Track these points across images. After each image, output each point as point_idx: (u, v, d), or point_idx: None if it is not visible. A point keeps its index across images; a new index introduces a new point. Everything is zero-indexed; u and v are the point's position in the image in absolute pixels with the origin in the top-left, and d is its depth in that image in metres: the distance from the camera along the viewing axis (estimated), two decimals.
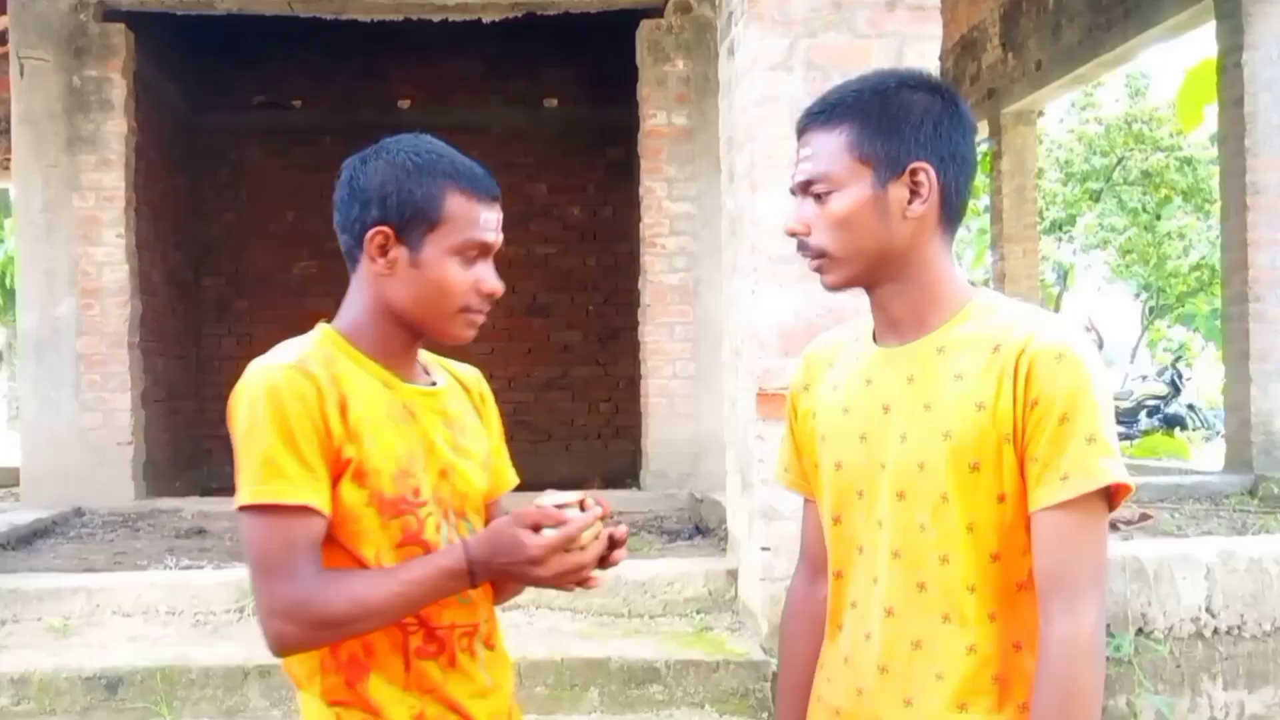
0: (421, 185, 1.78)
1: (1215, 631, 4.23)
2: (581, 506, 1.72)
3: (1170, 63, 24.69)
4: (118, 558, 5.77)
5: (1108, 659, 4.09)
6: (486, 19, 8.03)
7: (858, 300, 1.79)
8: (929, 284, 1.70)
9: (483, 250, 1.81)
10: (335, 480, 1.71)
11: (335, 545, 1.73)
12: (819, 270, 1.73)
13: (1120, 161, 22.06)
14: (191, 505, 7.52)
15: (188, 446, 9.91)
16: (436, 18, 8.00)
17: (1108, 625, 4.14)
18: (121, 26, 7.73)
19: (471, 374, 2.02)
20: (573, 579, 1.71)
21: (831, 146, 1.68)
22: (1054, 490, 1.58)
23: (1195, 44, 9.93)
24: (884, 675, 1.69)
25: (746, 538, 4.55)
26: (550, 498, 1.73)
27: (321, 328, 1.86)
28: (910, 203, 1.67)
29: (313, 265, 11.00)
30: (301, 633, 1.68)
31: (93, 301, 7.63)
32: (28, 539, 6.28)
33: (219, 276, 10.84)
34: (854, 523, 1.74)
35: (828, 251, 1.70)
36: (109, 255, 7.64)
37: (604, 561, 1.74)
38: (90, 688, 4.12)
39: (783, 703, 1.94)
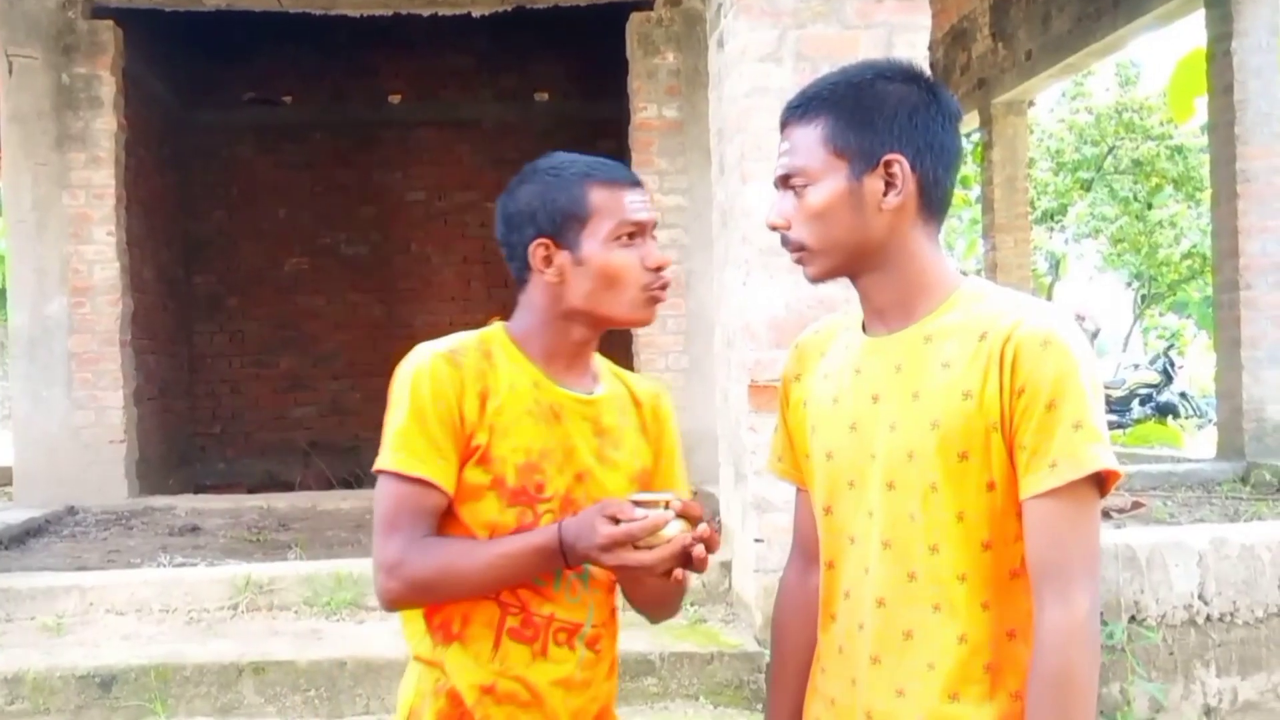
0: (564, 191, 1.90)
1: (1208, 618, 4.24)
2: (667, 506, 1.76)
3: (1160, 51, 24.76)
4: (111, 556, 5.77)
5: (1102, 646, 4.10)
6: (476, 13, 8.02)
7: (848, 291, 1.79)
8: (913, 274, 1.70)
9: (638, 229, 1.90)
10: (464, 462, 1.84)
11: (459, 522, 1.85)
12: (800, 263, 1.74)
13: (1111, 150, 22.11)
14: (185, 503, 7.52)
15: (180, 444, 9.91)
16: (426, 12, 7.99)
17: (1100, 613, 4.16)
18: (110, 23, 7.71)
19: (650, 390, 2.08)
20: (643, 574, 1.78)
21: (808, 140, 1.70)
22: (1043, 478, 1.58)
23: (1185, 32, 9.94)
24: (876, 665, 1.69)
25: (740, 529, 4.56)
26: (639, 495, 1.80)
27: (495, 324, 1.97)
28: (885, 194, 1.67)
29: (304, 262, 11.01)
30: (399, 589, 1.81)
31: (84, 299, 7.61)
32: (21, 538, 6.27)
33: (210, 274, 10.83)
34: (845, 513, 1.74)
35: (806, 244, 1.71)
36: (99, 253, 7.63)
37: (691, 563, 1.77)
38: (84, 686, 4.12)
39: (774, 693, 1.94)
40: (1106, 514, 6.06)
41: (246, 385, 10.98)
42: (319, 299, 11.00)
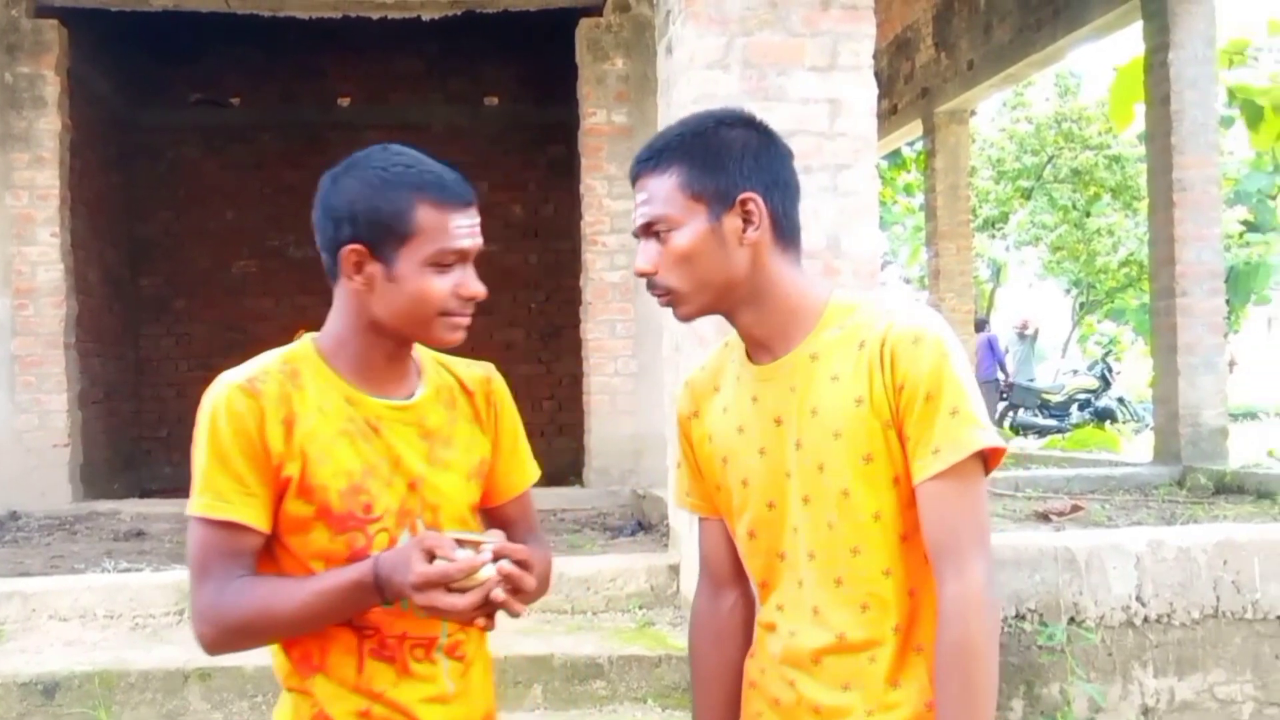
0: (390, 200, 1.77)
1: (1145, 620, 4.32)
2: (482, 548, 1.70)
3: (1099, 63, 25.09)
4: (54, 561, 5.71)
5: (1040, 647, 4.19)
6: (426, 17, 8.01)
7: None
8: (782, 300, 1.80)
9: (460, 256, 1.81)
10: (279, 495, 1.76)
11: (291, 555, 1.79)
12: (668, 305, 1.82)
13: (1050, 160, 22.38)
14: (130, 507, 7.44)
15: (126, 448, 9.80)
16: (376, 15, 7.97)
17: (1040, 614, 4.24)
18: (55, 23, 7.63)
19: (478, 374, 1.99)
20: (450, 618, 1.71)
21: (665, 189, 1.77)
22: (929, 463, 1.69)
23: (1123, 44, 10.12)
24: (818, 667, 1.79)
25: (688, 532, 4.59)
26: (460, 533, 1.75)
27: (302, 340, 1.88)
28: (745, 230, 1.77)
29: (252, 264, 10.92)
30: (214, 635, 1.75)
31: (27, 301, 7.52)
32: None
33: (156, 276, 10.72)
34: (771, 533, 1.83)
35: (673, 288, 1.79)
36: (43, 254, 7.54)
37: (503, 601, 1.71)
38: (26, 693, 4.07)
39: (700, 715, 2.00)
40: (1045, 517, 6.16)
41: (193, 388, 10.72)
42: (267, 301, 10.92)
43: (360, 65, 10.75)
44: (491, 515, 1.98)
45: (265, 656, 1.88)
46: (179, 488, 9.00)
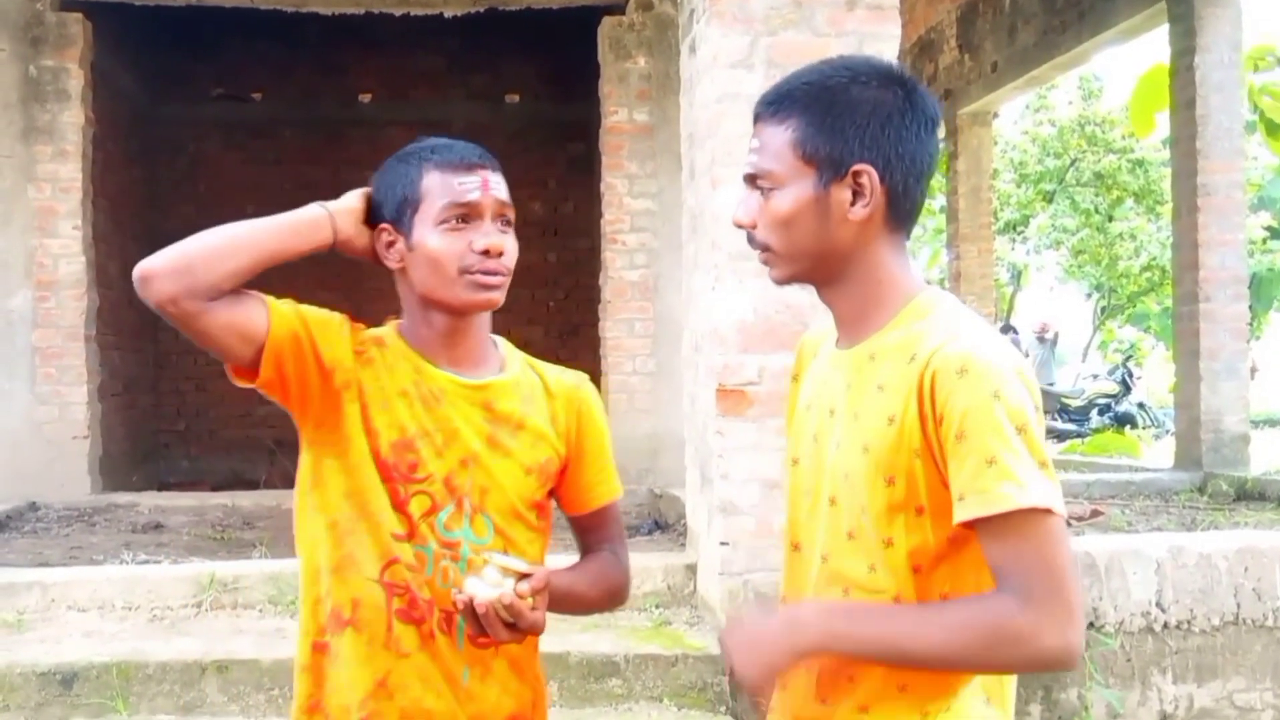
0: (402, 174, 1.85)
1: (1165, 626, 4.30)
2: (521, 577, 1.76)
3: (1123, 66, 24.94)
4: (73, 553, 5.73)
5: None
6: (448, 13, 8.03)
7: (815, 298, 1.78)
8: (872, 286, 1.66)
9: (470, 210, 1.83)
10: (319, 395, 1.83)
11: (345, 495, 1.84)
12: (765, 263, 1.71)
13: (1073, 163, 22.29)
14: (148, 500, 7.47)
15: (145, 440, 9.84)
16: (398, 11, 7.98)
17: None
18: (79, 16, 7.66)
19: (567, 380, 2.01)
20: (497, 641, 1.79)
21: (778, 142, 1.64)
22: (958, 509, 1.53)
23: (1148, 47, 10.06)
24: (799, 675, 1.68)
25: (705, 533, 4.58)
26: (504, 559, 1.78)
27: (389, 323, 1.95)
28: (852, 205, 1.62)
29: None
30: (157, 265, 1.78)
31: (48, 294, 7.55)
32: None
33: None
34: (798, 520, 1.75)
35: (772, 247, 1.67)
36: (65, 247, 7.58)
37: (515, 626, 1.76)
38: (45, 683, 4.09)
39: None
40: (1066, 522, 6.12)
41: (211, 382, 10.89)
42: (286, 297, 10.92)
43: (381, 61, 10.77)
44: (575, 522, 2.06)
45: (283, 650, 1.89)
46: (196, 481, 9.07)
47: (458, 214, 1.81)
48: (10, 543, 6.10)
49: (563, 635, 4.43)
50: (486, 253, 1.82)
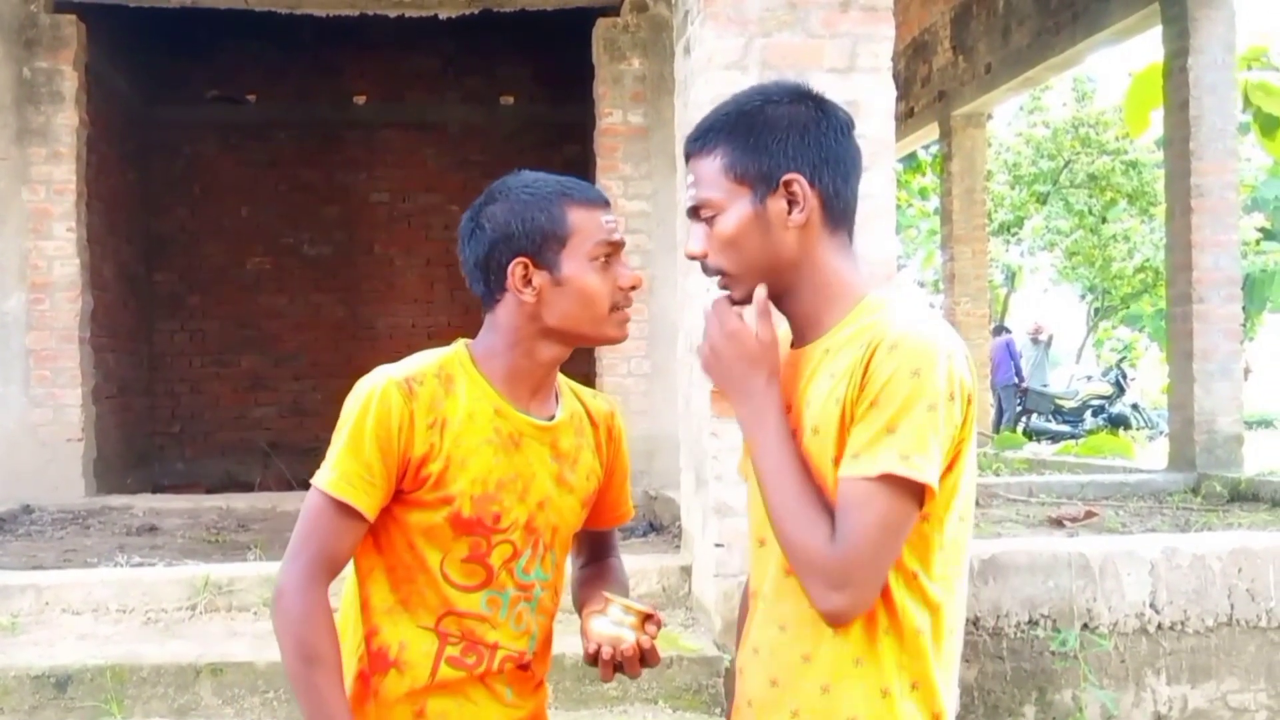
0: (543, 210, 1.89)
1: (1159, 627, 4.31)
2: (647, 620, 1.89)
3: (1117, 67, 25.00)
4: (67, 555, 5.72)
5: (1053, 653, 4.18)
6: (443, 15, 8.02)
7: None
8: (823, 288, 1.76)
9: (614, 249, 1.92)
10: (411, 488, 1.86)
11: (409, 547, 1.89)
12: (723, 287, 1.81)
13: (1067, 165, 22.33)
14: (143, 502, 7.45)
15: (139, 443, 9.83)
16: (392, 13, 7.98)
17: (1053, 620, 4.22)
18: (73, 18, 7.65)
19: (604, 408, 2.12)
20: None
21: (711, 171, 1.75)
22: (848, 464, 1.63)
23: (1142, 48, 10.08)
24: (757, 656, 1.79)
25: (700, 534, 4.58)
26: (622, 599, 1.91)
27: (458, 344, 1.98)
28: (790, 213, 1.73)
29: (266, 261, 10.94)
30: (287, 633, 1.86)
31: (43, 296, 7.55)
32: None
33: (171, 272, 10.76)
34: (761, 517, 1.79)
35: (725, 270, 1.77)
36: (59, 249, 7.57)
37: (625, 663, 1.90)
38: (39, 686, 4.08)
39: None
40: (1059, 523, 6.14)
41: (206, 385, 10.91)
42: (281, 299, 10.95)
43: (376, 63, 10.77)
44: (585, 536, 2.13)
45: (277, 654, 1.89)
46: (191, 483, 9.05)
47: (606, 252, 1.90)
48: (4, 545, 6.09)
49: (558, 636, 4.42)
50: (632, 288, 1.94)
